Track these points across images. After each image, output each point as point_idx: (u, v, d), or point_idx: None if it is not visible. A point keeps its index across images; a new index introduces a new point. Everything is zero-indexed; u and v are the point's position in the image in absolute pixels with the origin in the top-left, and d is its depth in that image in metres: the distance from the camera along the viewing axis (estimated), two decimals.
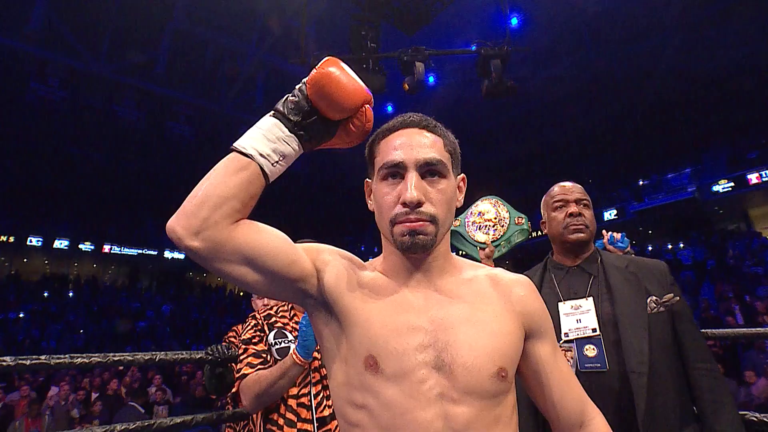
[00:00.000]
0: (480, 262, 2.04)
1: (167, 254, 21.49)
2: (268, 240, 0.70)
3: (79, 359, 1.19)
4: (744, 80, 13.53)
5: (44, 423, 5.18)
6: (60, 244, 19.28)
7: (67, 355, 1.19)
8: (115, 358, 1.26)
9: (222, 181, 0.65)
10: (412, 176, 0.71)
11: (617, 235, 2.02)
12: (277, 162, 0.69)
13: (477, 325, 0.71)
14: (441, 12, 6.10)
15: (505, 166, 17.24)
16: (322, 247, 0.79)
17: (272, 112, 0.71)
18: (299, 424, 1.35)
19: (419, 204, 0.70)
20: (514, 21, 10.26)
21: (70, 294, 17.83)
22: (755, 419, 1.34)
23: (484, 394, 0.67)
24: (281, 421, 1.35)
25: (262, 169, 0.67)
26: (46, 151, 16.05)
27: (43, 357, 1.16)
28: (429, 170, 0.73)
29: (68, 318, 14.81)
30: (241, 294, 23.57)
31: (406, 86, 5.02)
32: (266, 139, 0.68)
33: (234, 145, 0.68)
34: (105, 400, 5.93)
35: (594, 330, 1.22)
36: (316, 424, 1.35)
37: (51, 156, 16.28)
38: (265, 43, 14.38)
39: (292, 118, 0.69)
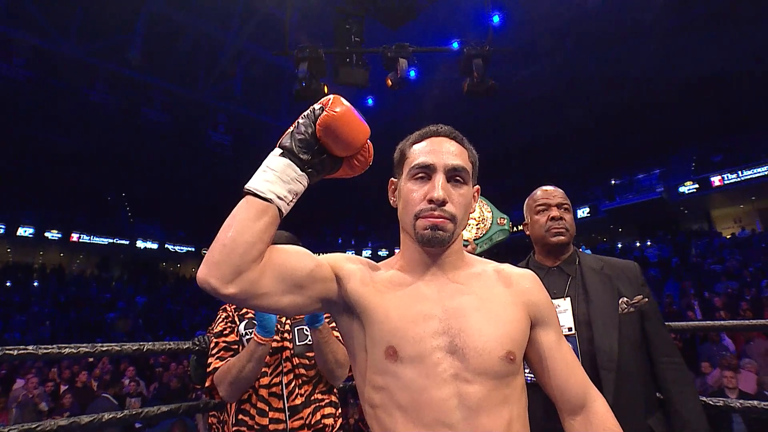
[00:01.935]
0: None
1: (139, 243, 20.92)
2: (289, 257, 0.75)
3: (67, 350, 1.20)
4: (711, 88, 14.16)
5: (11, 417, 5.02)
6: (24, 231, 18.49)
7: (55, 346, 1.19)
8: (103, 349, 1.27)
9: (246, 227, 0.67)
10: (440, 178, 0.79)
11: None
12: (291, 201, 0.72)
13: (486, 313, 0.78)
14: (426, 8, 6.15)
15: (482, 162, 17.40)
16: (339, 256, 0.84)
17: (280, 150, 0.73)
18: (271, 413, 1.36)
19: (444, 202, 0.78)
20: (496, 18, 10.39)
21: (35, 284, 17.17)
22: (702, 402, 1.48)
23: (494, 375, 0.74)
24: (253, 411, 1.36)
25: (279, 209, 0.71)
26: (9, 134, 15.32)
27: (30, 347, 1.16)
28: (454, 175, 0.81)
29: (33, 309, 14.27)
30: None
31: (389, 82, 5.06)
32: (282, 181, 0.70)
33: (251, 188, 0.70)
34: (75, 393, 5.79)
35: (570, 329, 1.30)
36: (287, 413, 1.36)
37: (15, 139, 15.55)
38: (245, 31, 14.07)
39: (302, 157, 0.72)
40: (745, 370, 4.60)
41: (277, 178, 0.70)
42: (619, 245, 18.68)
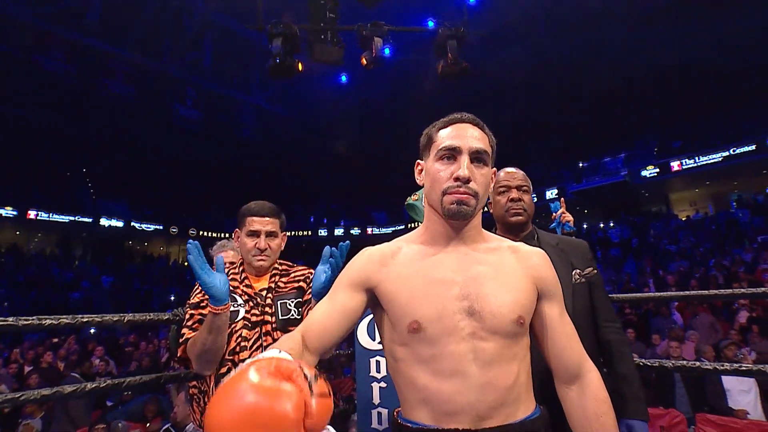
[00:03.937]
0: None
1: (104, 222, 20.07)
2: (328, 325, 0.88)
3: (47, 321, 1.22)
4: (675, 76, 14.74)
5: None
6: None
7: (35, 317, 1.21)
8: (84, 320, 1.29)
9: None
10: (465, 159, 0.89)
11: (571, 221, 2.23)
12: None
13: (500, 282, 0.89)
14: None
15: None
16: (362, 269, 0.94)
17: None
18: None
19: (468, 180, 0.88)
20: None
21: None
22: (641, 363, 1.68)
23: (506, 334, 0.85)
24: None
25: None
26: None
27: (10, 319, 1.17)
28: (477, 157, 0.90)
29: None
30: (186, 264, 22.74)
31: (364, 61, 5.02)
32: None
33: None
34: (41, 373, 5.67)
35: None
36: None
37: None
38: (214, 0, 13.45)
39: None
40: (689, 341, 5.02)
41: None
42: (585, 225, 19.45)
